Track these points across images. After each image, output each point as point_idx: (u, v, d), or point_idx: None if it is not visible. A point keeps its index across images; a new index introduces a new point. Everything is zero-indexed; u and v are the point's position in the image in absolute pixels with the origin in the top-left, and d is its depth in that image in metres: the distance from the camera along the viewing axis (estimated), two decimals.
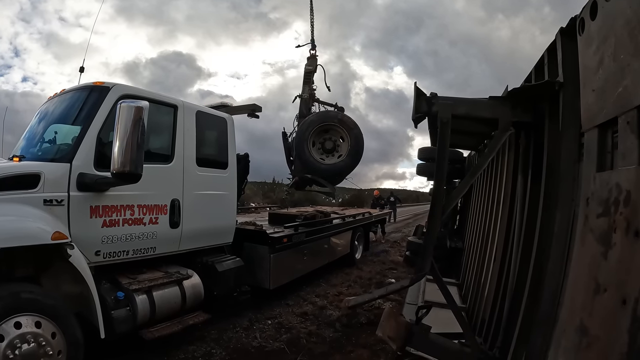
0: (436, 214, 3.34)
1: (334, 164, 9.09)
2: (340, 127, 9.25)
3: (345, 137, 9.20)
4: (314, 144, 9.36)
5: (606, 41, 2.05)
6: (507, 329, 3.54)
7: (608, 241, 1.89)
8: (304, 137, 9.13)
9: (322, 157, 9.34)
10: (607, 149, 2.15)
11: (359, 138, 9.20)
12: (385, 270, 11.36)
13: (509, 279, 3.80)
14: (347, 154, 9.12)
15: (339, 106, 10.85)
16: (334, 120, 9.39)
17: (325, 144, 9.37)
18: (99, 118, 4.76)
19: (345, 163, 9.09)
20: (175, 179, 5.61)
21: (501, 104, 3.39)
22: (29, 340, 3.73)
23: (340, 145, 9.32)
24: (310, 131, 9.21)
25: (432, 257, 3.27)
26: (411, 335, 3.33)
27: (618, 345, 1.66)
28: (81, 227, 4.47)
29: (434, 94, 3.32)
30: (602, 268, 1.92)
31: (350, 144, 9.14)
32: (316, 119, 9.42)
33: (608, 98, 2.02)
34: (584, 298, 2.07)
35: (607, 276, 1.87)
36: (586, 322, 1.99)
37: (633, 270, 1.64)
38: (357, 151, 9.16)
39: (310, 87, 10.61)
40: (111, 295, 4.68)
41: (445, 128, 3.22)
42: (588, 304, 2.00)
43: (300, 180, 10.01)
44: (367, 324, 6.55)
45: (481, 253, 5.56)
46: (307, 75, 10.68)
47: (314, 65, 10.77)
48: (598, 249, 1.98)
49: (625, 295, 1.66)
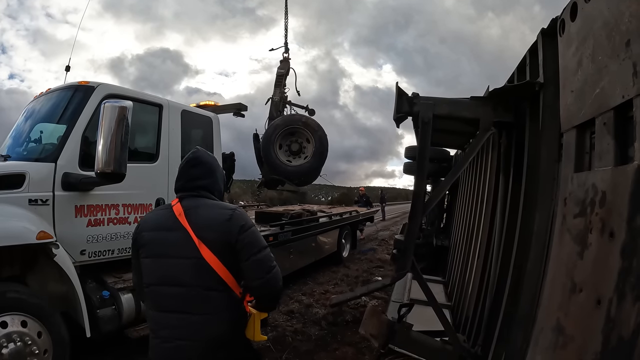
0: (417, 213, 3.33)
1: (299, 166, 9.16)
2: (305, 129, 9.33)
3: (311, 139, 9.29)
4: (280, 146, 9.44)
5: (585, 42, 2.05)
6: (489, 327, 3.53)
7: (584, 241, 1.88)
8: (270, 141, 9.21)
9: (289, 159, 9.41)
10: (585, 150, 2.14)
11: (323, 139, 9.29)
12: (372, 268, 11.38)
13: (490, 277, 3.80)
14: (312, 156, 9.22)
15: (310, 108, 10.95)
16: (298, 123, 9.47)
17: (292, 146, 9.46)
18: (83, 118, 4.72)
19: (311, 164, 9.17)
20: (160, 178, 5.55)
21: (483, 104, 3.37)
22: (15, 339, 3.74)
23: (306, 147, 9.40)
24: (276, 134, 9.29)
25: (412, 255, 3.26)
26: (393, 333, 3.31)
27: (592, 345, 1.65)
28: (66, 227, 4.43)
29: (415, 94, 3.30)
30: (578, 268, 1.91)
31: (315, 146, 9.22)
32: (281, 123, 9.51)
33: (586, 99, 2.01)
34: (560, 297, 2.06)
35: (582, 276, 1.86)
36: (562, 322, 1.98)
37: (607, 270, 1.63)
38: (322, 152, 9.26)
39: (282, 90, 10.66)
40: (97, 295, 4.63)
41: (427, 128, 3.20)
42: (564, 303, 2.00)
43: (269, 181, 10.09)
44: (352, 321, 6.53)
45: (466, 251, 5.56)
46: (279, 78, 10.76)
47: (286, 69, 10.85)
48: (574, 249, 1.97)
49: (600, 295, 1.66)
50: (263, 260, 2.35)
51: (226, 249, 2.29)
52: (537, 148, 2.99)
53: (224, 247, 2.29)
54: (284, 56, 10.99)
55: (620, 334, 1.48)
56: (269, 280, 2.35)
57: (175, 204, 2.45)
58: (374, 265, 11.83)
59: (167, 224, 2.40)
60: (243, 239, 2.31)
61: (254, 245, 2.35)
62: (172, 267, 2.32)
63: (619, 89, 1.69)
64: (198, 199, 2.47)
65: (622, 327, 1.48)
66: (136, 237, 2.50)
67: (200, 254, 2.25)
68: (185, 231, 2.31)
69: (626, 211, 1.57)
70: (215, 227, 2.32)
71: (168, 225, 2.39)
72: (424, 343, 3.44)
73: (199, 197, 2.48)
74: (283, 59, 10.95)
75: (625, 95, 1.64)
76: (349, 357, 5.27)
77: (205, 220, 2.35)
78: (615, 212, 1.67)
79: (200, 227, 2.31)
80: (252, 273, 2.33)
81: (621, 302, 1.51)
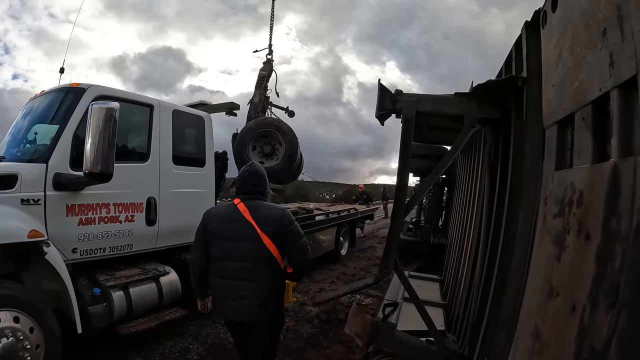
0: (399, 211, 3.20)
1: (270, 167, 9.02)
2: (277, 132, 9.39)
3: (282, 142, 9.34)
4: (254, 148, 9.50)
5: (565, 34, 1.92)
6: (475, 328, 3.41)
7: (562, 243, 1.76)
8: (243, 143, 9.24)
9: (261, 160, 9.38)
10: (567, 147, 2.01)
11: (294, 143, 9.32)
12: (370, 266, 11.26)
13: (476, 277, 3.68)
14: (282, 158, 9.29)
15: (290, 110, 11.05)
16: (270, 126, 9.51)
17: (264, 148, 9.52)
18: (74, 119, 4.72)
19: (280, 167, 9.18)
20: (151, 177, 5.54)
21: (467, 100, 3.22)
22: (7, 334, 3.76)
23: (278, 149, 9.46)
24: (249, 137, 9.34)
25: (395, 254, 3.14)
26: (377, 332, 3.21)
27: (566, 354, 1.52)
28: (58, 226, 4.44)
29: (398, 90, 3.18)
30: (556, 271, 1.78)
31: (286, 149, 9.27)
32: (254, 126, 9.53)
33: (566, 93, 1.88)
34: (539, 301, 1.94)
35: (559, 280, 1.73)
36: (540, 326, 1.86)
37: (582, 275, 1.50)
38: (291, 155, 9.29)
39: (262, 92, 10.63)
40: (88, 292, 4.66)
41: (409, 125, 3.07)
42: (542, 307, 1.88)
43: None
44: (345, 320, 6.39)
45: (460, 250, 5.45)
46: (260, 79, 10.80)
47: (268, 70, 10.89)
48: (553, 251, 1.85)
49: (575, 301, 1.52)
50: (302, 246, 3.45)
51: (278, 237, 3.32)
52: (522, 144, 2.87)
53: (277, 236, 3.31)
54: (267, 58, 11.07)
55: (593, 344, 1.35)
56: (306, 260, 3.48)
57: (239, 203, 3.41)
58: (372, 263, 11.67)
59: (234, 217, 3.36)
60: (290, 231, 3.38)
61: (297, 235, 3.44)
62: (239, 248, 3.29)
63: (597, 81, 1.56)
64: (256, 200, 3.47)
65: (595, 336, 1.34)
66: (206, 224, 3.45)
67: (261, 240, 3.26)
68: (250, 224, 3.28)
69: (602, 212, 1.44)
70: (272, 222, 3.32)
71: (235, 219, 3.35)
72: (409, 343, 3.32)
73: (256, 199, 3.49)
74: (266, 61, 11.03)
75: (603, 88, 1.51)
76: (338, 356, 5.19)
77: (264, 217, 3.33)
78: (591, 213, 1.53)
79: (261, 221, 3.30)
80: (294, 254, 3.42)
81: (594, 310, 1.38)
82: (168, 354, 5.22)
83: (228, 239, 3.33)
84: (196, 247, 3.54)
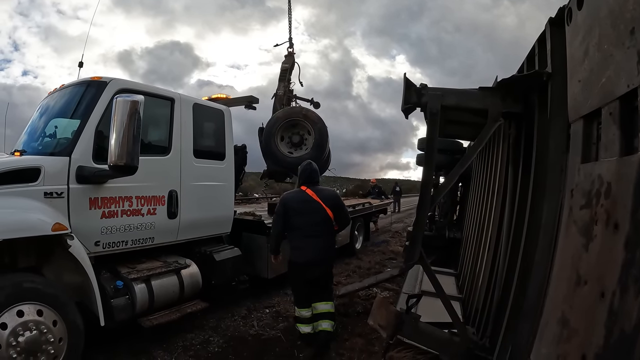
0: (425, 204, 3.29)
1: (300, 157, 9.06)
2: (305, 121, 9.37)
3: (311, 131, 9.32)
4: (282, 138, 9.49)
5: (591, 31, 1.99)
6: (497, 319, 3.50)
7: (589, 233, 1.84)
8: (271, 133, 9.26)
9: (290, 150, 9.45)
10: (592, 140, 2.09)
11: (323, 132, 9.30)
12: (384, 260, 11.32)
13: (499, 269, 3.75)
14: (311, 147, 9.25)
15: (315, 101, 11.03)
16: (298, 115, 9.49)
17: (293, 138, 9.50)
18: (97, 112, 4.78)
19: (310, 155, 9.01)
20: (172, 170, 5.64)
21: (491, 94, 3.31)
22: (31, 327, 3.82)
23: (307, 139, 9.43)
24: (277, 127, 9.34)
25: (420, 246, 3.23)
26: (401, 323, 3.30)
27: (595, 339, 1.61)
28: (81, 219, 4.51)
29: (423, 84, 3.26)
30: (583, 260, 1.87)
31: (315, 138, 9.25)
32: (282, 115, 9.53)
33: (592, 89, 1.96)
34: (566, 290, 2.02)
35: (587, 268, 1.82)
36: (567, 315, 1.94)
37: (611, 263, 1.59)
38: (321, 144, 9.28)
39: (285, 84, 10.62)
40: (110, 285, 4.74)
41: (435, 119, 3.16)
42: (569, 295, 1.96)
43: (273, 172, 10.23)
44: (363, 312, 6.49)
45: (477, 243, 5.50)
46: (283, 72, 10.82)
47: (291, 63, 10.91)
48: (580, 241, 1.93)
49: (604, 288, 1.61)
50: (346, 213, 5.70)
51: (333, 208, 5.36)
52: (546, 139, 2.94)
53: (333, 207, 5.37)
54: (289, 51, 11.09)
55: (623, 328, 1.44)
56: (347, 221, 5.81)
57: (306, 189, 5.40)
58: (387, 257, 11.76)
59: (306, 199, 5.32)
60: (340, 204, 5.57)
61: (343, 207, 5.63)
62: (312, 218, 5.26)
63: (624, 78, 1.64)
64: (316, 186, 5.51)
65: (625, 320, 1.44)
66: (286, 204, 5.35)
67: (325, 211, 5.29)
68: (317, 202, 5.28)
69: (630, 202, 1.53)
70: (330, 199, 5.41)
71: (307, 199, 5.31)
72: (432, 334, 3.42)
73: (316, 185, 5.55)
74: (288, 54, 11.00)
75: (630, 85, 1.59)
76: (358, 348, 5.25)
77: (325, 197, 5.37)
78: (620, 203, 1.62)
79: (324, 199, 5.32)
80: (341, 219, 5.54)
81: (624, 295, 1.47)
82: (189, 346, 5.31)
83: (305, 212, 5.26)
84: (277, 221, 5.42)
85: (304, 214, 5.25)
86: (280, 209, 5.33)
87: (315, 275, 5.34)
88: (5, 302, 3.71)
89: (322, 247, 5.28)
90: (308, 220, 5.24)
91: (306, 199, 5.30)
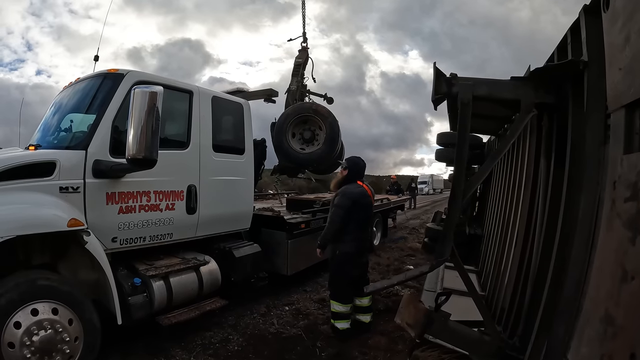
0: (456, 199, 3.24)
1: (311, 153, 9.11)
2: (316, 117, 9.27)
3: (322, 126, 9.22)
4: (294, 134, 9.43)
5: (632, 17, 1.95)
6: (528, 318, 3.44)
7: (636, 226, 1.80)
8: (282, 129, 9.19)
9: (302, 146, 9.38)
10: (635, 130, 2.04)
11: (334, 126, 9.20)
12: (403, 257, 11.28)
13: (530, 266, 3.70)
14: (323, 142, 9.15)
15: (329, 97, 10.92)
16: (309, 111, 9.40)
17: (304, 134, 9.42)
18: (113, 105, 4.75)
19: (323, 150, 9.07)
20: (191, 164, 5.62)
21: (523, 84, 3.25)
22: (45, 326, 3.79)
23: (318, 134, 9.34)
24: (288, 123, 9.27)
25: (452, 242, 3.19)
26: (430, 322, 3.25)
27: None
28: (97, 214, 4.49)
29: (453, 74, 3.20)
30: (630, 255, 1.82)
31: (327, 133, 9.15)
32: (291, 112, 9.45)
33: (636, 76, 1.91)
34: (609, 286, 1.98)
35: (635, 263, 1.77)
36: (612, 312, 1.90)
37: None
38: (333, 138, 9.16)
39: (299, 79, 10.55)
40: (128, 282, 4.73)
41: (466, 109, 3.11)
42: (614, 292, 1.92)
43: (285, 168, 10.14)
44: (385, 310, 6.52)
45: (501, 240, 5.46)
46: (296, 67, 10.69)
47: (304, 58, 10.79)
48: (625, 235, 1.88)
49: None
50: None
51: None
52: (582, 130, 2.89)
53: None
54: (302, 45, 10.97)
55: None
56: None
57: (362, 185, 5.84)
58: (405, 253, 11.72)
59: (366, 194, 5.77)
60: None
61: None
62: (369, 212, 5.94)
63: None
64: (365, 182, 5.98)
65: None
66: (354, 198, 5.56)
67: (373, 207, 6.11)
68: (370, 198, 5.86)
69: None
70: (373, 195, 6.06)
71: (366, 194, 5.77)
72: (462, 333, 3.38)
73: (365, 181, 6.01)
74: (301, 49, 10.92)
75: None
76: (382, 347, 5.22)
77: (372, 192, 6.03)
78: None
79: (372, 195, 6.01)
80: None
81: None
82: (208, 344, 5.29)
83: (365, 207, 5.76)
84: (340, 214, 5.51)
85: (365, 208, 5.78)
86: (346, 202, 5.53)
87: (363, 262, 5.94)
88: (19, 300, 3.68)
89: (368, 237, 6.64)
90: (367, 214, 5.92)
91: (365, 194, 5.76)
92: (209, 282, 5.58)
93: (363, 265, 5.92)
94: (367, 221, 6.09)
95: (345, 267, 5.63)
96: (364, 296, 5.71)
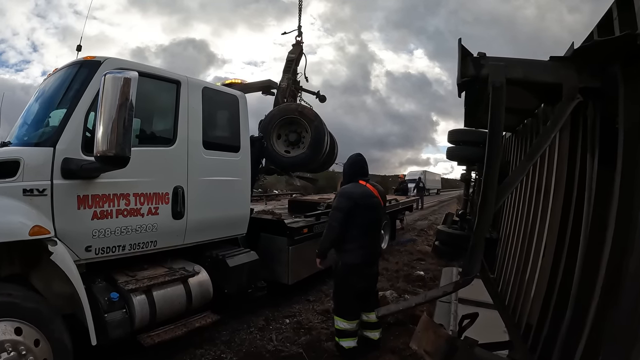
0: (489, 203, 2.74)
1: (295, 157, 8.89)
2: (302, 119, 9.02)
3: (308, 129, 8.96)
4: (279, 136, 9.22)
5: None
6: (568, 342, 2.96)
7: None
8: (267, 131, 8.93)
9: (287, 149, 9.16)
10: None
11: (320, 129, 8.94)
12: (412, 261, 10.93)
13: (564, 279, 3.27)
14: (308, 146, 8.92)
15: (321, 94, 10.74)
16: (294, 113, 9.13)
17: (290, 137, 9.19)
18: (87, 96, 4.34)
19: (306, 155, 8.84)
20: (178, 163, 5.19)
21: (565, 65, 2.76)
22: (7, 349, 3.40)
23: (305, 137, 9.10)
24: (273, 125, 9.03)
25: (482, 257, 2.71)
26: (453, 350, 2.78)
27: None
28: (68, 220, 4.09)
29: (482, 53, 2.72)
30: None
31: (312, 136, 8.89)
32: (277, 113, 9.21)
33: None
34: None
35: None
36: None
37: None
38: (318, 142, 8.91)
39: (290, 77, 10.30)
40: (104, 296, 4.33)
41: (499, 95, 2.61)
42: None
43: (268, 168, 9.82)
44: (395, 324, 6.10)
45: (523, 246, 5.05)
46: (289, 63, 10.41)
47: (297, 53, 10.52)
48: None
49: None
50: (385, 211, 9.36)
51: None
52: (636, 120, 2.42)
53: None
54: (297, 40, 10.68)
55: None
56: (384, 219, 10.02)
57: (365, 184, 5.25)
58: (415, 257, 11.35)
59: (369, 194, 5.18)
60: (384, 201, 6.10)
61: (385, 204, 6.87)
62: (375, 215, 5.24)
63: None
64: (370, 181, 5.39)
65: None
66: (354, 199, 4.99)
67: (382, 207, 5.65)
68: (377, 199, 5.30)
69: None
70: (382, 195, 5.57)
71: (370, 195, 5.18)
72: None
73: (369, 180, 5.41)
74: (295, 43, 10.65)
75: None
76: None
77: (380, 192, 5.49)
78: None
79: (380, 195, 5.42)
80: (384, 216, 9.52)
81: None
82: None
83: (371, 209, 5.13)
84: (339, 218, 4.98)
85: (371, 210, 5.13)
86: (346, 204, 4.97)
87: (372, 274, 5.38)
88: None
89: (378, 244, 5.51)
90: (373, 217, 5.19)
91: (369, 193, 5.18)
92: (199, 295, 5.15)
93: (372, 276, 5.35)
94: (374, 225, 5.26)
95: (349, 280, 5.08)
96: (372, 311, 5.01)
